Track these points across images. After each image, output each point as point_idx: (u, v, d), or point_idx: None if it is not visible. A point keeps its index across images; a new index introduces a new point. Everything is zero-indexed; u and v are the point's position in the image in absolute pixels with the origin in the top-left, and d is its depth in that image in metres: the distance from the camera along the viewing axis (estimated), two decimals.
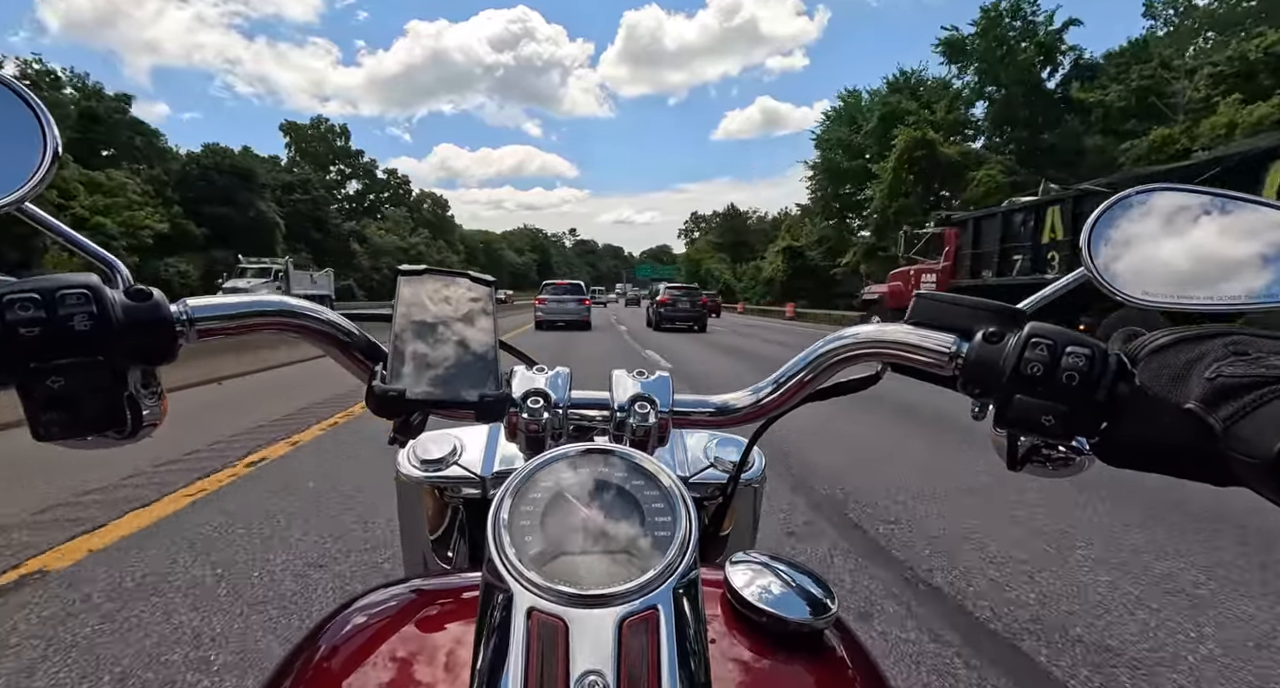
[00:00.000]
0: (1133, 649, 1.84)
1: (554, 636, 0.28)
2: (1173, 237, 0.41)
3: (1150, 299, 0.41)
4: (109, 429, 0.37)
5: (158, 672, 1.67)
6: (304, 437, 4.24)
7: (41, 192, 0.37)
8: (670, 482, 0.35)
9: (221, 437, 4.13)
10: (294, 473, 3.42)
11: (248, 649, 1.78)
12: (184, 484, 3.15)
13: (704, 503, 0.62)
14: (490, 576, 0.31)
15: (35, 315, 0.33)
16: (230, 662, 1.72)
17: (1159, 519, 2.85)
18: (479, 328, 0.47)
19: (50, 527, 2.59)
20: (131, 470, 3.30)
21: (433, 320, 0.46)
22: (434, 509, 0.65)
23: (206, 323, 0.41)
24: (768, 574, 0.40)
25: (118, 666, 1.69)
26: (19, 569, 2.22)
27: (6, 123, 0.37)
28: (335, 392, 5.53)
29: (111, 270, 0.39)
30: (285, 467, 3.56)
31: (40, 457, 3.24)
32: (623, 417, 0.48)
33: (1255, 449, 0.29)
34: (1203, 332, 0.34)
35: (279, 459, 3.70)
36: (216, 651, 1.77)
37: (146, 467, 3.37)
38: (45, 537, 2.48)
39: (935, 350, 0.43)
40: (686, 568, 0.31)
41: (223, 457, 3.66)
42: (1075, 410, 0.37)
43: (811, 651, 0.39)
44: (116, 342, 0.35)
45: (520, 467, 0.36)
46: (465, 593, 0.44)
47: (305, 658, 0.40)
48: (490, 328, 0.47)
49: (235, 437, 4.16)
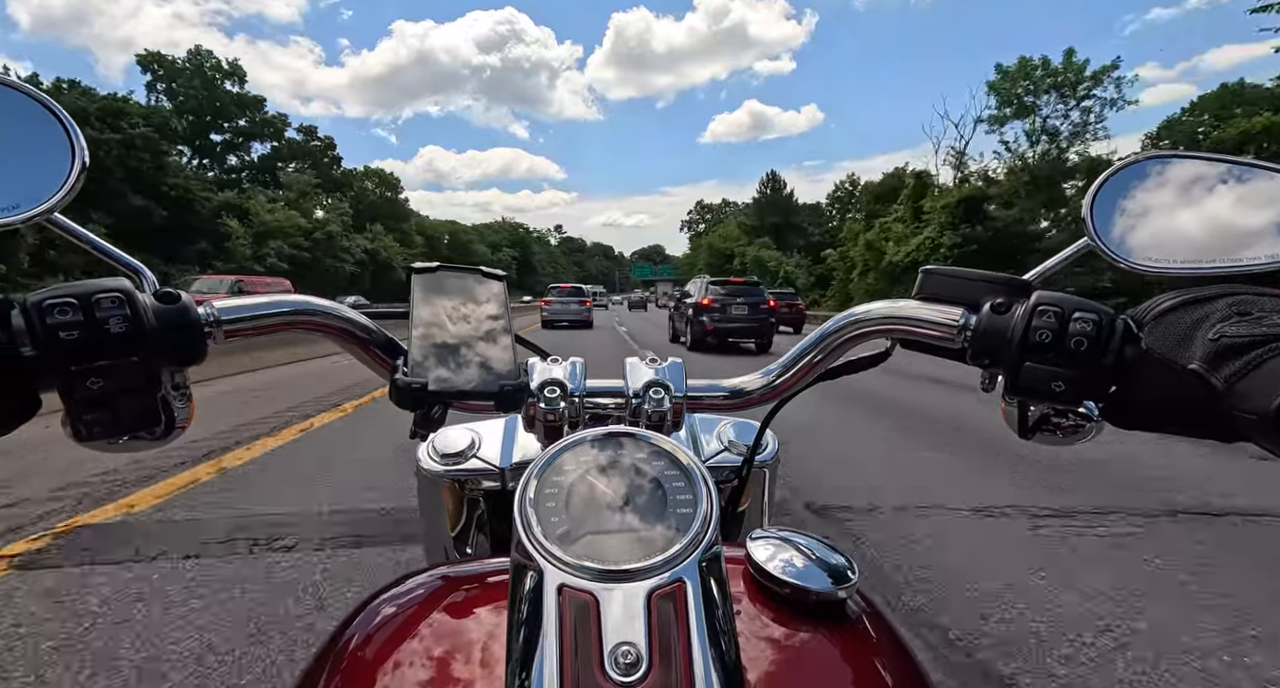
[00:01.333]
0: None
1: (586, 610, 0.29)
2: (1173, 203, 0.42)
3: (1152, 265, 0.41)
4: (145, 429, 0.38)
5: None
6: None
7: (69, 202, 0.38)
8: (689, 461, 0.36)
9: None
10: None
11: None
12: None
13: (720, 486, 0.63)
14: (520, 556, 0.32)
15: (74, 319, 0.34)
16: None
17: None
18: (494, 321, 0.48)
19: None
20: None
21: (448, 315, 0.47)
22: (454, 503, 0.66)
23: (232, 324, 0.42)
24: (788, 548, 0.41)
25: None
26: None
27: (38, 137, 0.39)
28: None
29: (138, 276, 0.40)
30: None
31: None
32: (638, 403, 0.49)
33: (1257, 405, 0.29)
34: (1207, 293, 0.35)
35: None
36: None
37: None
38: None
39: (944, 324, 0.44)
40: (710, 542, 0.32)
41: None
42: (1084, 375, 0.37)
43: (835, 620, 0.40)
44: (150, 343, 0.36)
45: (542, 453, 0.37)
46: (492, 578, 0.45)
47: (342, 647, 0.41)
48: (505, 321, 0.48)
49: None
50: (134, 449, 0.41)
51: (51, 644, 1.76)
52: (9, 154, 0.38)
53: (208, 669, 1.67)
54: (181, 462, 3.55)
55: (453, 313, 0.47)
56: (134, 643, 1.78)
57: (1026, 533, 2.70)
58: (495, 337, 0.47)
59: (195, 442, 3.93)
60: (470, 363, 0.45)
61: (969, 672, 1.70)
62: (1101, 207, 0.43)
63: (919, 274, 0.47)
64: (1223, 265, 0.40)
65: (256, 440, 4.17)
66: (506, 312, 0.49)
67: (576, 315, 19.72)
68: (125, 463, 3.45)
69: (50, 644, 1.76)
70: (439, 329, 0.46)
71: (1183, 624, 1.94)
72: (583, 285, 21.38)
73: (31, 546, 2.41)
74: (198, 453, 3.74)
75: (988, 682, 1.67)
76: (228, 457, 3.74)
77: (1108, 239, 0.42)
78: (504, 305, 0.49)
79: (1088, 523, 2.81)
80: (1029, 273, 0.44)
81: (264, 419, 4.83)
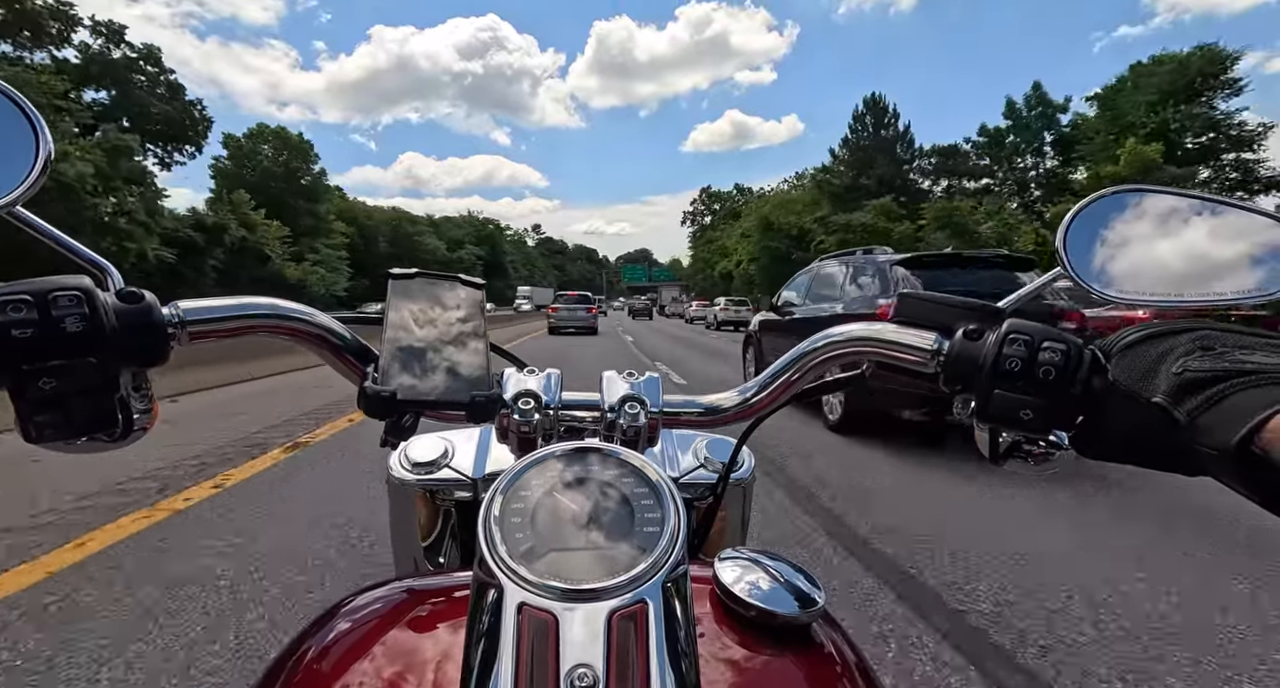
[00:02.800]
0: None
1: (545, 630, 0.29)
2: (1145, 236, 0.43)
3: (1125, 296, 0.42)
4: (101, 431, 0.37)
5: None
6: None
7: (33, 195, 0.37)
8: (658, 478, 0.35)
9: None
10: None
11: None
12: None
13: (694, 503, 0.63)
14: (482, 572, 0.32)
15: (28, 317, 0.33)
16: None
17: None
18: (469, 330, 0.47)
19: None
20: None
21: (424, 323, 0.47)
22: (426, 513, 0.65)
23: (197, 325, 0.41)
24: (756, 570, 0.41)
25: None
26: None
27: (2, 128, 0.38)
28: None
29: (103, 273, 0.39)
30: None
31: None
32: (613, 417, 0.49)
33: (1217, 440, 0.30)
34: (1172, 327, 0.36)
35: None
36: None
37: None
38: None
39: (918, 348, 0.44)
40: (675, 563, 0.32)
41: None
42: (1052, 404, 0.38)
43: (799, 644, 0.39)
44: (109, 344, 0.35)
45: (509, 468, 0.36)
46: (456, 592, 0.44)
47: (297, 659, 0.40)
48: (480, 330, 0.48)
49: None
50: (92, 450, 0.40)
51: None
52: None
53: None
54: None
55: (428, 320, 0.47)
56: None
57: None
58: (469, 345, 0.46)
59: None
60: (442, 372, 0.45)
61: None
62: (1075, 237, 0.43)
63: (896, 298, 0.47)
64: (1193, 299, 0.41)
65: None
66: (483, 320, 0.49)
67: (583, 322, 20.46)
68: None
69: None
70: (412, 336, 0.46)
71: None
72: (588, 294, 22.61)
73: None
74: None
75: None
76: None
77: (1081, 269, 0.43)
78: (481, 314, 0.49)
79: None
80: (1003, 301, 0.45)
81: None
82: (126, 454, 3.34)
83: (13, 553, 2.36)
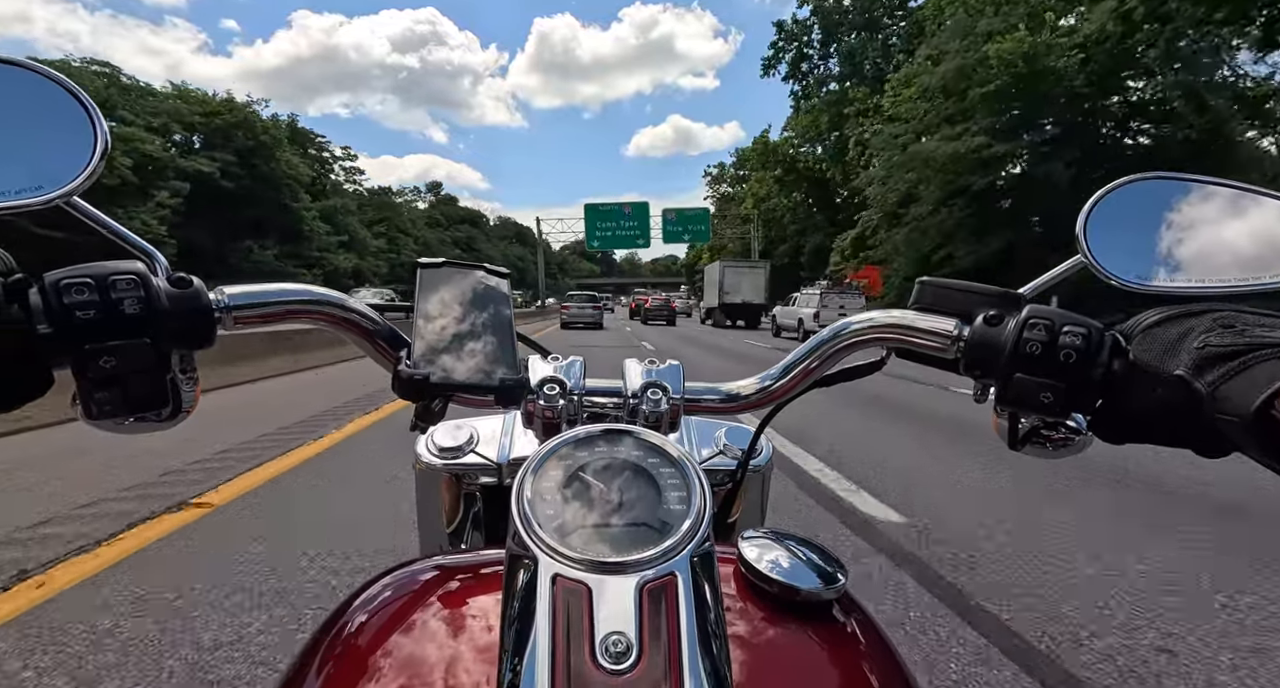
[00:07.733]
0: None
1: (579, 599, 0.30)
2: (1166, 223, 0.43)
3: (1144, 284, 0.42)
4: (154, 410, 0.39)
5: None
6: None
7: (90, 186, 0.39)
8: (683, 458, 0.36)
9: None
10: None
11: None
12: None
13: (714, 489, 0.64)
14: (516, 546, 0.33)
15: (90, 299, 0.35)
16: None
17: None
18: (496, 317, 0.49)
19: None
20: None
21: (452, 311, 0.48)
22: (450, 497, 0.67)
23: (242, 310, 0.43)
24: (778, 548, 0.42)
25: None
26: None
27: (60, 120, 0.39)
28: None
29: (152, 260, 0.41)
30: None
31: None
32: (635, 403, 0.50)
33: (1237, 407, 0.30)
34: (1192, 309, 0.36)
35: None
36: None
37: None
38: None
39: (938, 334, 0.45)
40: (702, 538, 0.33)
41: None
42: (1073, 387, 0.38)
43: (821, 619, 0.40)
44: (162, 325, 0.37)
45: (540, 447, 0.37)
46: (485, 568, 0.45)
47: (336, 633, 0.42)
48: (507, 317, 0.49)
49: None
50: (140, 430, 0.41)
51: None
52: (34, 137, 0.39)
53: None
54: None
55: (456, 308, 0.48)
56: None
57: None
58: (497, 333, 0.48)
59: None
60: (472, 357, 0.46)
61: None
62: (1095, 224, 0.44)
63: (915, 285, 0.48)
64: (1213, 286, 0.41)
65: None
66: (509, 307, 0.50)
67: (591, 318, 25.09)
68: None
69: None
70: (442, 323, 0.47)
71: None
72: (594, 294, 26.51)
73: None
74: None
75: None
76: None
77: (1100, 257, 0.43)
78: (507, 301, 0.51)
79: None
80: (1023, 287, 0.45)
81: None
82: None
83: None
